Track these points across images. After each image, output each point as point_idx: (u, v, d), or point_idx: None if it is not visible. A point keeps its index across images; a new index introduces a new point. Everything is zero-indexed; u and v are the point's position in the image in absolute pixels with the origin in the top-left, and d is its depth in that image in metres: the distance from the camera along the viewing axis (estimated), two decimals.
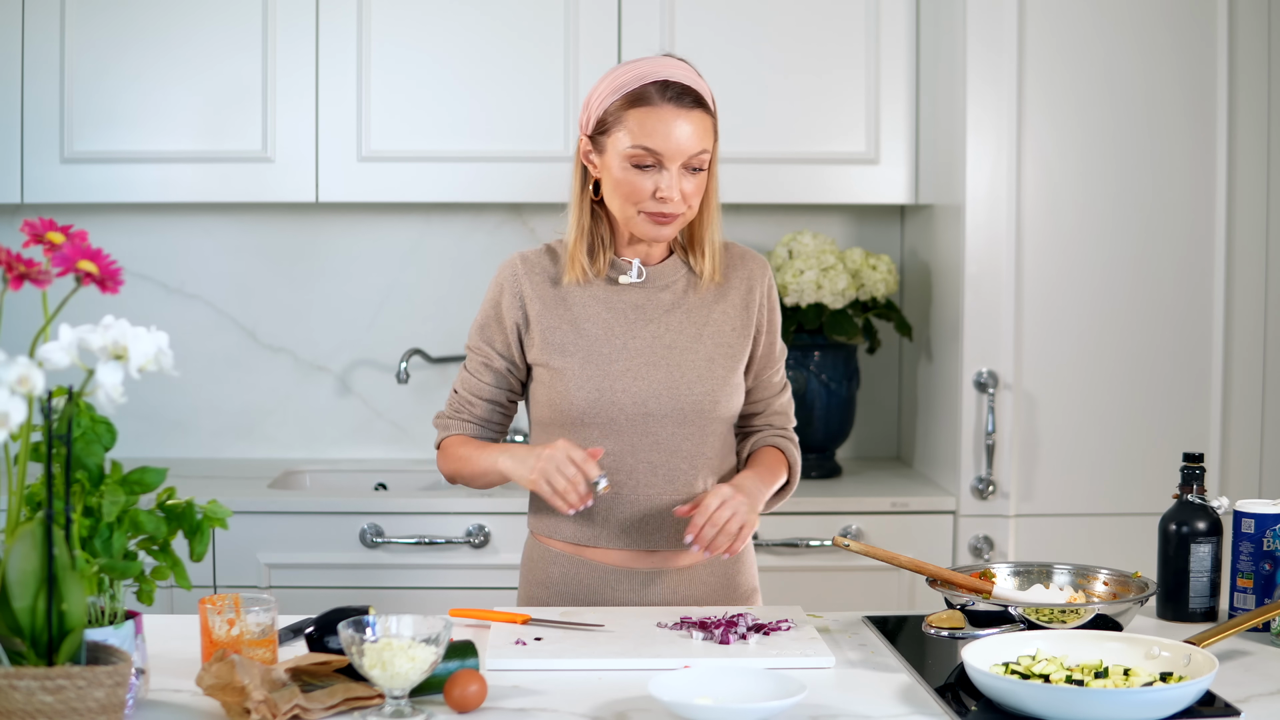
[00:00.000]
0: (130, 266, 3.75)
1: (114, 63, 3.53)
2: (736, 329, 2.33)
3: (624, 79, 2.21)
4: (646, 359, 2.27)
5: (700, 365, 2.29)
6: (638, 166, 2.20)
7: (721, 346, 2.31)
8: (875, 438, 3.94)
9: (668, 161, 2.19)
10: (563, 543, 2.33)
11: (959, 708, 1.77)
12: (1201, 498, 2.24)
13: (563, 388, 2.26)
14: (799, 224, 3.84)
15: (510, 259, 2.33)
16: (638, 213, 2.22)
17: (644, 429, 2.26)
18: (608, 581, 2.30)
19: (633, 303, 2.30)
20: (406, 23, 3.56)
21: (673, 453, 2.28)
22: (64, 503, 1.59)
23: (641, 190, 2.20)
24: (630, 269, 2.30)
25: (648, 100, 2.19)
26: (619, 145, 2.20)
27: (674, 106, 2.19)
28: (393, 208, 3.83)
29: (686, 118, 2.19)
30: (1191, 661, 1.80)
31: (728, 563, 2.35)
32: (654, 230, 2.23)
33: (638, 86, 2.20)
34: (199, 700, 1.78)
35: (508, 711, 1.76)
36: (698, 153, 2.20)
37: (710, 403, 2.28)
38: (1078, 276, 3.38)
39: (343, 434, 3.86)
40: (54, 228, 1.63)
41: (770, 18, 3.58)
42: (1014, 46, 3.34)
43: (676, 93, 2.19)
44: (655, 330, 2.29)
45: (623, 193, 2.22)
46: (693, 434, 2.29)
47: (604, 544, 2.30)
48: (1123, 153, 3.37)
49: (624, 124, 2.20)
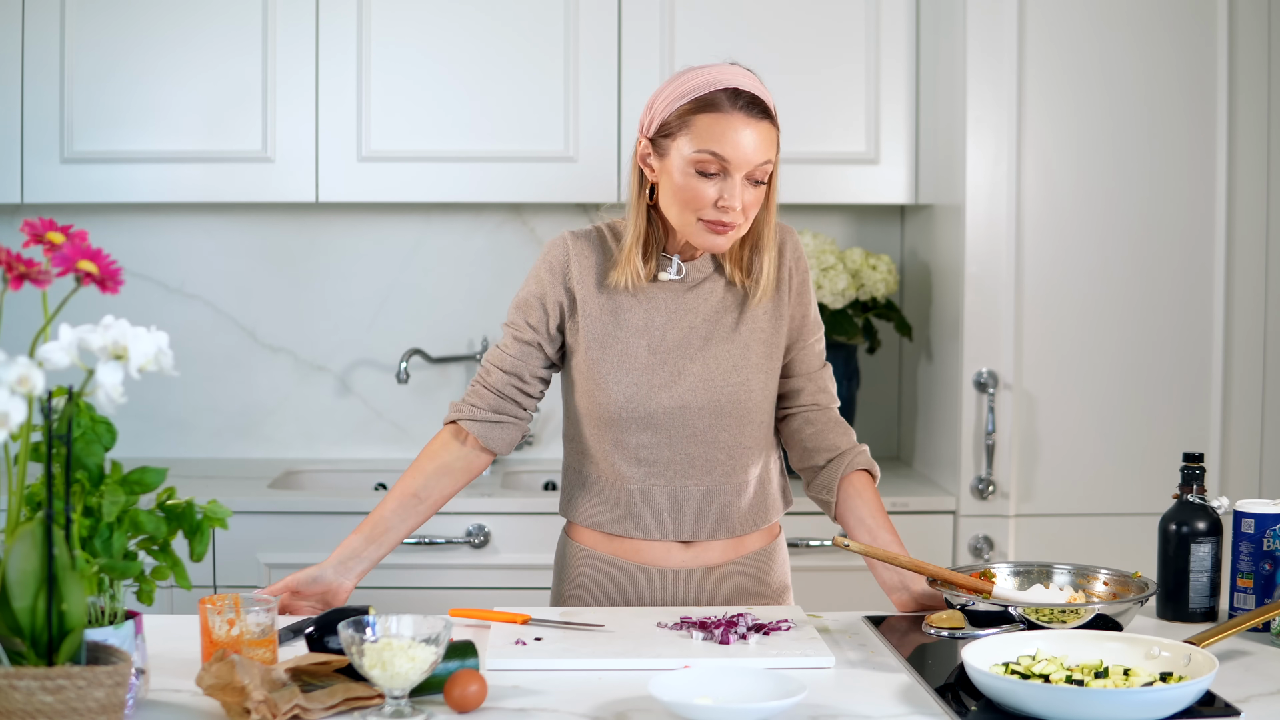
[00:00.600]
0: (130, 266, 3.75)
1: (114, 63, 3.53)
2: (769, 313, 2.31)
3: (693, 84, 2.19)
4: (683, 352, 2.27)
5: (736, 356, 2.28)
6: (702, 173, 2.18)
7: (756, 333, 2.30)
8: (875, 438, 3.94)
9: (733, 169, 2.17)
10: (598, 533, 2.33)
11: (959, 708, 1.77)
12: (1201, 498, 2.24)
13: (600, 380, 2.27)
14: (799, 224, 3.84)
15: (561, 237, 2.31)
16: (697, 220, 2.20)
17: (681, 421, 2.27)
18: (639, 580, 2.31)
19: (671, 297, 2.29)
20: (406, 23, 3.56)
21: (710, 444, 2.28)
22: (64, 503, 1.59)
23: (704, 197, 2.18)
24: (670, 265, 2.29)
25: (717, 106, 2.17)
26: (683, 150, 2.18)
27: (744, 115, 2.17)
28: (393, 208, 3.83)
29: (755, 127, 2.18)
30: (1191, 661, 1.80)
31: (759, 560, 2.36)
32: (711, 240, 2.21)
33: (708, 92, 2.18)
34: (199, 700, 1.78)
35: (508, 711, 1.76)
36: (762, 163, 2.18)
37: (745, 393, 2.28)
38: (1078, 276, 3.38)
39: (343, 434, 3.86)
40: (54, 228, 1.63)
41: (770, 18, 3.58)
42: (1014, 46, 3.34)
43: (747, 101, 2.18)
44: (692, 321, 2.28)
45: (684, 198, 2.19)
46: (730, 425, 2.29)
47: (640, 534, 2.30)
48: (1122, 153, 3.37)
49: (691, 129, 2.18)
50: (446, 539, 3.32)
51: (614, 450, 2.29)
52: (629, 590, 2.31)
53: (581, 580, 2.34)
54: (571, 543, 2.37)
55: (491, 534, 3.33)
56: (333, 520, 3.32)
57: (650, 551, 2.31)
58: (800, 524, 3.35)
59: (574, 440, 2.35)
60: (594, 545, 2.34)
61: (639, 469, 2.28)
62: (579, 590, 2.34)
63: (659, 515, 2.29)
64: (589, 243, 2.31)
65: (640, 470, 2.28)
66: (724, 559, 2.33)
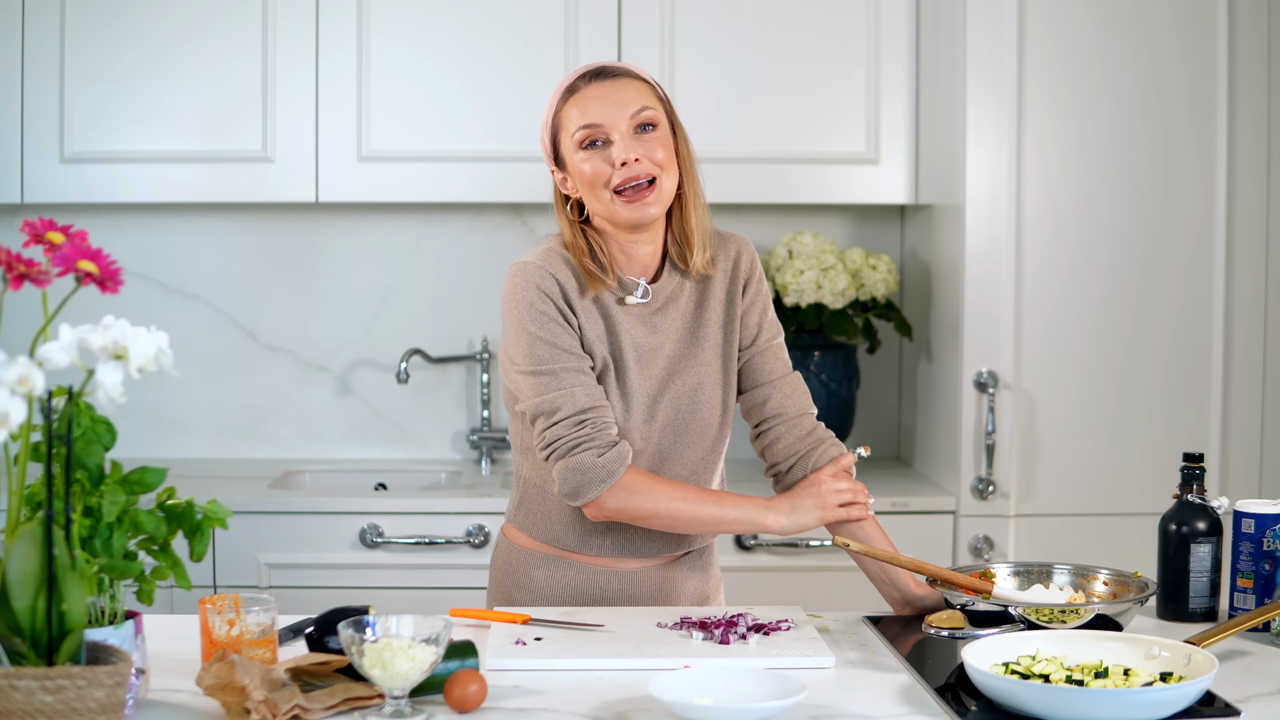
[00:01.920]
0: (130, 266, 3.75)
1: (114, 63, 3.53)
2: (723, 328, 2.31)
3: (552, 96, 2.25)
4: (649, 373, 2.25)
5: (700, 376, 2.27)
6: (588, 147, 2.18)
7: (714, 348, 2.29)
8: (875, 438, 3.94)
9: (610, 130, 2.18)
10: (547, 546, 2.31)
11: (959, 708, 1.77)
12: (1201, 498, 2.24)
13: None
14: (799, 224, 3.84)
15: (532, 265, 2.19)
16: (611, 196, 2.18)
17: (645, 438, 2.26)
18: (595, 582, 2.29)
19: (637, 321, 2.25)
20: (406, 23, 3.56)
21: (676, 462, 2.28)
22: (64, 503, 1.59)
23: (601, 169, 2.18)
24: (636, 289, 2.26)
25: (575, 89, 2.22)
26: (569, 144, 2.21)
27: (599, 81, 2.21)
28: (393, 208, 3.83)
29: (614, 85, 2.20)
30: (1191, 661, 1.80)
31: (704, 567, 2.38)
32: (635, 211, 2.17)
33: (566, 84, 2.23)
34: (199, 700, 1.78)
35: (508, 711, 1.76)
36: (638, 110, 2.19)
37: (711, 417, 2.28)
38: (1077, 276, 3.38)
39: (343, 434, 3.86)
40: (54, 228, 1.63)
41: (770, 18, 3.58)
42: (1014, 47, 3.34)
43: (596, 70, 2.22)
44: (657, 342, 2.27)
45: (587, 180, 2.19)
46: (692, 443, 2.29)
47: (593, 552, 2.28)
48: (1122, 152, 3.37)
49: (566, 120, 2.21)
50: (446, 539, 3.32)
51: None
52: (583, 591, 2.30)
53: (533, 585, 2.31)
54: (519, 548, 2.33)
55: (491, 534, 3.33)
56: (333, 520, 3.32)
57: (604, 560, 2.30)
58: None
59: (532, 452, 2.28)
60: (547, 551, 2.32)
61: None
62: (530, 596, 2.31)
63: (617, 536, 2.28)
64: (560, 264, 2.22)
65: None
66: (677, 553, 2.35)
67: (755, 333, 2.33)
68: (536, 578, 2.31)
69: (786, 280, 3.53)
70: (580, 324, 2.21)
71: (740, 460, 3.78)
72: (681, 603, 2.35)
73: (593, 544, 2.28)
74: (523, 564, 2.32)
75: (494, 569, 2.39)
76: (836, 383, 3.63)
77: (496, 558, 2.38)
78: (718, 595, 2.44)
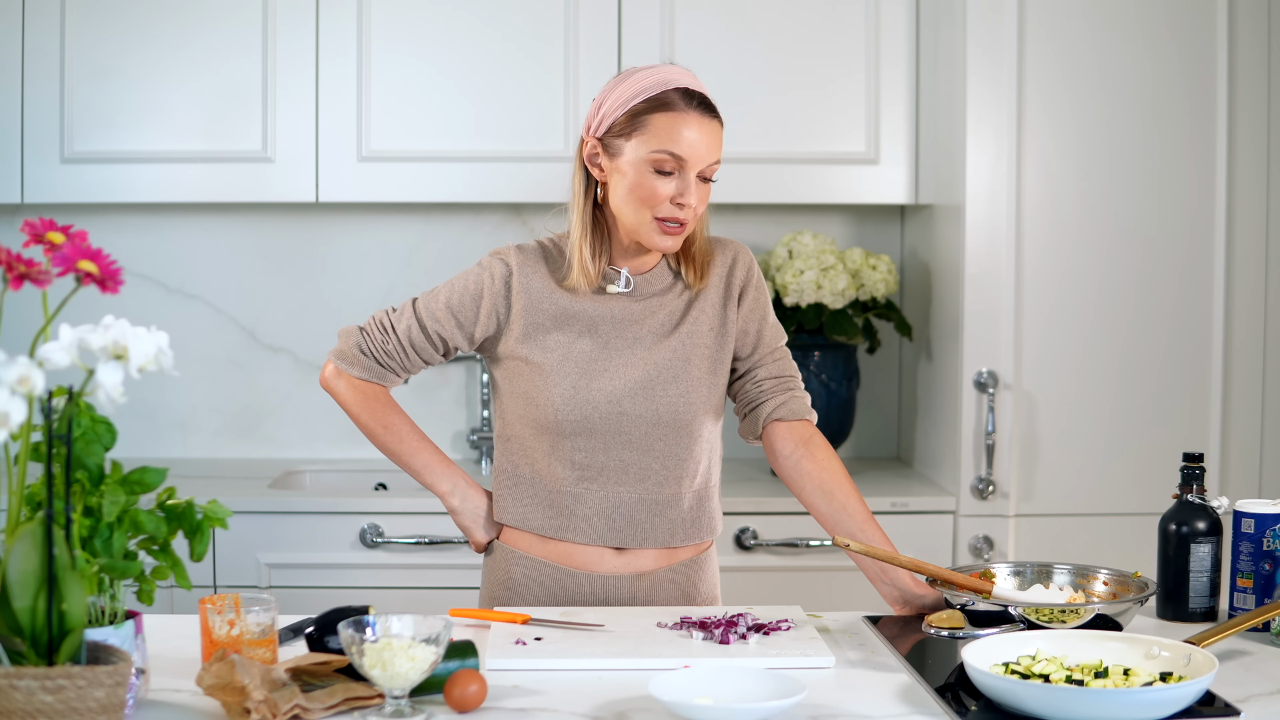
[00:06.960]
0: (130, 266, 3.75)
1: (114, 63, 3.53)
2: (715, 328, 2.32)
3: (644, 84, 2.21)
4: (625, 359, 2.27)
5: (678, 368, 2.28)
6: (659, 172, 2.20)
7: (700, 347, 2.30)
8: (875, 438, 3.94)
9: (689, 168, 2.19)
10: (530, 535, 2.32)
11: (959, 708, 1.77)
12: (1201, 498, 2.24)
13: (540, 383, 2.26)
14: (799, 224, 3.84)
15: (505, 249, 2.31)
16: (651, 219, 2.21)
17: (617, 428, 2.26)
18: (569, 584, 2.30)
19: (618, 310, 2.29)
20: (407, 23, 3.56)
21: (645, 452, 2.28)
22: (64, 503, 1.59)
23: (660, 194, 2.19)
24: (619, 279, 2.29)
25: (672, 106, 2.19)
26: (639, 150, 2.20)
27: (698, 114, 2.20)
28: (393, 208, 3.83)
29: (708, 126, 2.21)
30: (1191, 661, 1.80)
31: (690, 570, 2.35)
32: (663, 240, 2.23)
33: (661, 91, 2.20)
34: (199, 700, 1.78)
35: (508, 711, 1.76)
36: (714, 162, 2.22)
37: (685, 404, 2.28)
38: (1078, 276, 3.38)
39: (343, 434, 3.86)
40: (54, 228, 1.63)
41: (770, 18, 3.58)
42: (1013, 47, 3.34)
43: (699, 100, 2.22)
44: (636, 333, 2.28)
45: (640, 195, 2.20)
46: (666, 435, 2.28)
47: (571, 537, 2.29)
48: (1122, 153, 3.37)
49: (646, 128, 2.19)
50: (446, 539, 3.32)
51: (550, 452, 2.28)
52: (559, 594, 2.31)
53: (512, 582, 2.32)
54: (502, 545, 2.36)
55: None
56: (333, 520, 3.32)
57: (582, 556, 2.30)
58: (800, 524, 3.35)
59: (509, 441, 2.33)
60: (526, 548, 2.33)
61: (573, 472, 2.27)
62: (509, 593, 2.33)
63: (589, 519, 2.28)
64: (535, 255, 2.31)
65: (574, 473, 2.27)
66: (655, 566, 2.32)
67: (755, 340, 2.35)
68: (515, 575, 2.32)
69: (786, 280, 3.53)
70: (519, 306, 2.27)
71: (741, 460, 3.78)
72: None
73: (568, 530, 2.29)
74: (504, 560, 2.35)
75: (483, 566, 2.42)
76: (836, 383, 3.63)
77: (486, 556, 2.41)
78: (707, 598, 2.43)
